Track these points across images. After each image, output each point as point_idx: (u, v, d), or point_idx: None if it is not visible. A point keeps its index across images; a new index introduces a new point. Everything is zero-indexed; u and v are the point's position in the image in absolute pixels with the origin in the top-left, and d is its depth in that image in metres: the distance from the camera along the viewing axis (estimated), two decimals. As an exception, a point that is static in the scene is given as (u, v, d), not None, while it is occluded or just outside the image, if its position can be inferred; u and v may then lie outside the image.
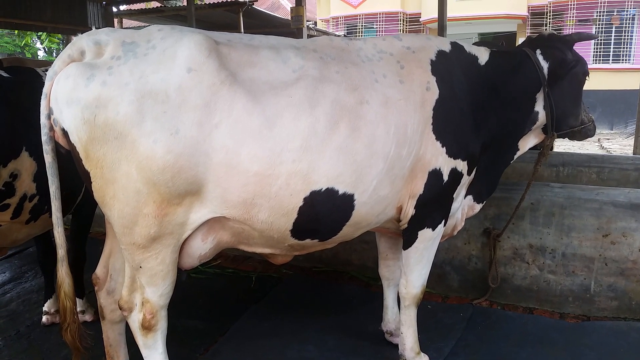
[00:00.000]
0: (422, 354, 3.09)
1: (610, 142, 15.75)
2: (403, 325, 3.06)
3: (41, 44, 23.88)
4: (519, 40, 19.78)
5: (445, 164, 2.68)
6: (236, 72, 2.23)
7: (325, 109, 2.33)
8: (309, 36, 11.31)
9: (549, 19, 19.99)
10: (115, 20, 13.80)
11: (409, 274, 2.94)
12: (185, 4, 12.27)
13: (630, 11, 18.93)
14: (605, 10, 19.03)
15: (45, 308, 3.70)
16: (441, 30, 8.35)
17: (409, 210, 2.73)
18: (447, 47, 2.83)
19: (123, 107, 2.05)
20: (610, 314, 3.67)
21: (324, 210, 2.41)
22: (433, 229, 2.83)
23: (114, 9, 13.05)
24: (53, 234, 3.46)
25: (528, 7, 20.61)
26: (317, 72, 2.39)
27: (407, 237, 2.87)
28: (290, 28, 10.39)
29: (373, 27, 23.16)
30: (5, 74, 2.94)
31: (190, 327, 3.61)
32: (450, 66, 2.76)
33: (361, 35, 23.09)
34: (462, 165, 2.75)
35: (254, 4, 12.67)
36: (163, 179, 2.12)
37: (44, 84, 2.18)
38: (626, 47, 19.23)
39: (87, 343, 2.56)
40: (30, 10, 10.84)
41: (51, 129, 2.20)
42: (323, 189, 2.36)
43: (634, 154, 7.16)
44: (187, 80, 2.11)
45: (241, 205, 2.29)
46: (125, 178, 2.13)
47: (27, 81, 2.99)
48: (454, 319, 3.68)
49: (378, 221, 2.73)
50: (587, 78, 3.07)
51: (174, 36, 2.21)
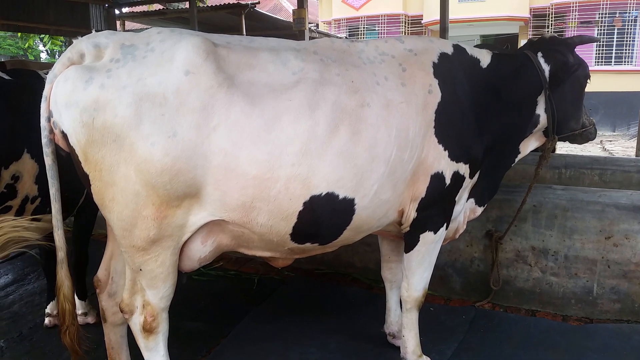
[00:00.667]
0: (424, 356, 3.08)
1: (612, 144, 15.72)
2: (404, 329, 3.06)
3: (44, 46, 24.01)
4: (521, 42, 19.78)
5: (448, 167, 2.66)
6: (235, 75, 2.22)
7: (325, 112, 2.30)
8: (311, 38, 11.32)
9: (551, 20, 19.99)
10: (118, 23, 13.85)
11: (410, 277, 2.93)
12: (187, 6, 12.30)
13: (632, 13, 18.92)
14: (607, 12, 19.02)
15: (47, 310, 3.70)
16: (443, 32, 8.36)
17: (411, 214, 2.71)
18: (449, 50, 2.80)
19: (121, 110, 2.05)
20: (613, 317, 3.65)
21: (324, 214, 2.39)
22: (435, 232, 2.82)
23: (117, 12, 13.10)
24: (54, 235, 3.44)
25: (530, 9, 20.61)
26: (318, 74, 2.37)
27: (409, 240, 2.86)
28: (292, 30, 10.40)
29: (375, 29, 23.18)
30: (7, 77, 2.94)
31: (192, 329, 3.61)
32: (452, 69, 2.73)
33: (363, 37, 23.11)
34: (464, 169, 2.73)
35: (256, 7, 12.71)
36: (161, 181, 2.11)
37: None
38: (628, 49, 19.22)
39: (86, 346, 2.55)
40: (33, 13, 10.89)
41: (51, 131, 2.20)
42: (323, 194, 2.34)
43: (636, 155, 7.15)
44: (185, 83, 2.11)
45: (240, 208, 2.27)
46: (124, 180, 2.13)
47: (29, 84, 2.99)
48: (456, 322, 3.67)
49: (379, 225, 2.72)
50: (588, 81, 3.06)
51: (173, 39, 2.20)
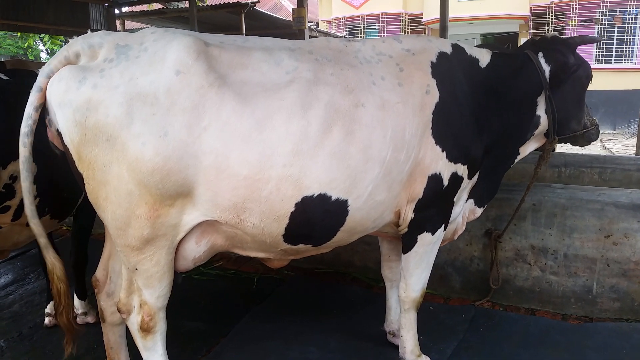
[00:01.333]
0: (423, 356, 3.08)
1: (612, 143, 15.71)
2: (403, 329, 3.05)
3: (44, 46, 24.00)
4: (521, 40, 19.75)
5: (446, 168, 2.63)
6: (227, 74, 2.21)
7: (318, 112, 2.28)
8: (311, 37, 11.31)
9: (551, 19, 19.98)
10: (118, 22, 13.83)
11: (408, 277, 2.92)
12: (187, 5, 12.29)
13: (632, 11, 18.91)
14: (607, 10, 19.01)
15: (47, 310, 3.70)
16: (443, 31, 8.33)
17: (408, 215, 2.70)
18: (448, 49, 2.78)
19: (112, 110, 2.05)
20: (613, 315, 3.65)
21: (317, 216, 2.37)
22: (433, 233, 2.80)
23: (116, 11, 13.08)
24: (53, 236, 3.46)
25: (530, 8, 20.60)
26: (311, 74, 2.34)
27: (407, 242, 2.84)
28: (292, 29, 10.39)
29: (375, 28, 23.17)
30: (5, 77, 2.94)
31: (192, 328, 3.62)
32: (451, 69, 2.70)
33: (363, 36, 23.09)
34: (462, 170, 2.71)
35: (255, 6, 12.69)
36: (153, 180, 2.12)
37: None
38: (628, 47, 19.21)
39: (81, 327, 2.57)
40: (33, 13, 10.89)
41: (35, 121, 2.16)
42: (315, 195, 2.32)
43: (636, 154, 7.15)
44: (176, 82, 2.11)
45: (232, 209, 2.26)
46: (116, 180, 2.13)
47: (26, 83, 2.99)
48: (455, 321, 3.67)
49: (375, 226, 2.70)
50: (590, 82, 3.02)
51: (166, 39, 2.20)
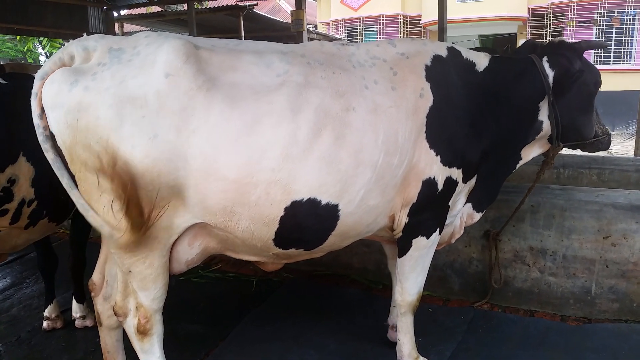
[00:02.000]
0: (420, 357, 3.07)
1: (611, 143, 15.65)
2: (400, 332, 3.05)
3: (43, 49, 23.99)
4: (520, 41, 19.78)
5: (440, 172, 2.61)
6: (216, 77, 2.20)
7: (307, 116, 2.26)
8: (310, 39, 11.31)
9: (550, 20, 19.99)
10: (117, 25, 13.83)
11: (404, 281, 2.91)
12: (186, 8, 12.29)
13: (630, 12, 18.93)
14: (605, 11, 19.03)
15: (46, 313, 3.70)
16: (441, 33, 8.33)
17: (402, 219, 2.68)
18: (443, 52, 2.75)
19: (103, 112, 2.06)
20: (612, 316, 3.66)
21: (307, 220, 2.35)
22: (427, 237, 2.78)
23: (115, 14, 13.09)
24: (51, 239, 3.45)
25: (528, 9, 20.62)
26: (302, 77, 2.32)
27: (402, 245, 2.83)
28: (291, 31, 10.39)
29: (374, 30, 23.18)
30: (2, 80, 2.95)
31: (191, 331, 3.61)
32: (446, 72, 2.67)
33: (362, 38, 23.12)
34: (457, 174, 2.68)
35: (254, 8, 12.70)
36: (143, 182, 2.12)
37: None
38: (627, 48, 19.23)
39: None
40: (32, 16, 10.89)
41: (46, 127, 2.16)
42: (305, 199, 2.30)
43: (634, 155, 7.14)
44: (165, 85, 2.10)
45: (221, 212, 2.26)
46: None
47: (24, 87, 2.99)
48: (454, 322, 3.67)
49: (369, 230, 2.68)
50: (599, 88, 2.95)
51: (158, 42, 2.20)
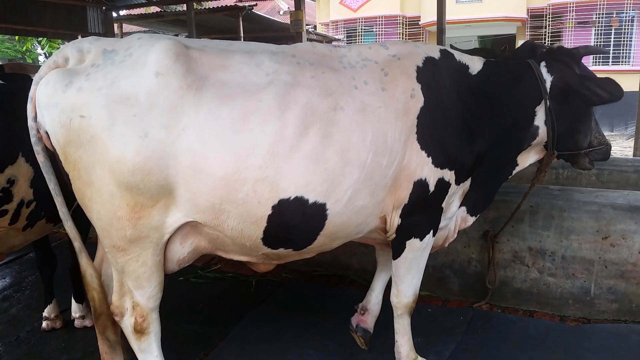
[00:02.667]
0: (419, 358, 3.07)
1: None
2: (397, 334, 3.04)
3: (42, 49, 23.99)
4: (519, 42, 19.79)
5: (432, 174, 2.60)
6: (206, 76, 2.23)
7: (295, 114, 2.27)
8: (309, 40, 11.31)
9: (548, 21, 20.00)
10: (115, 25, 13.84)
11: (399, 283, 2.91)
12: (185, 8, 12.29)
13: (629, 13, 18.94)
14: (604, 12, 19.03)
15: (45, 313, 3.69)
16: (440, 33, 8.34)
17: (395, 220, 2.67)
18: (436, 55, 2.73)
19: (95, 111, 2.11)
20: (611, 317, 3.66)
21: (294, 219, 2.36)
22: (421, 239, 2.77)
23: (114, 14, 13.10)
24: (50, 239, 3.43)
25: (527, 10, 20.62)
26: (291, 76, 2.35)
27: (396, 247, 2.83)
28: (290, 32, 10.40)
29: (373, 31, 23.18)
30: (1, 81, 2.95)
31: (190, 331, 3.61)
32: (437, 74, 2.66)
33: (361, 39, 23.12)
34: (449, 175, 2.67)
35: (253, 9, 12.72)
36: (134, 181, 2.15)
37: None
38: (625, 49, 19.22)
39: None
40: (31, 16, 10.91)
41: (38, 130, 2.25)
42: (292, 197, 2.31)
43: (633, 155, 7.15)
44: (155, 84, 2.14)
45: (210, 210, 2.28)
46: (99, 180, 2.17)
47: (22, 88, 2.99)
48: (454, 323, 3.68)
49: (359, 231, 2.67)
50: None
51: (149, 43, 2.24)
